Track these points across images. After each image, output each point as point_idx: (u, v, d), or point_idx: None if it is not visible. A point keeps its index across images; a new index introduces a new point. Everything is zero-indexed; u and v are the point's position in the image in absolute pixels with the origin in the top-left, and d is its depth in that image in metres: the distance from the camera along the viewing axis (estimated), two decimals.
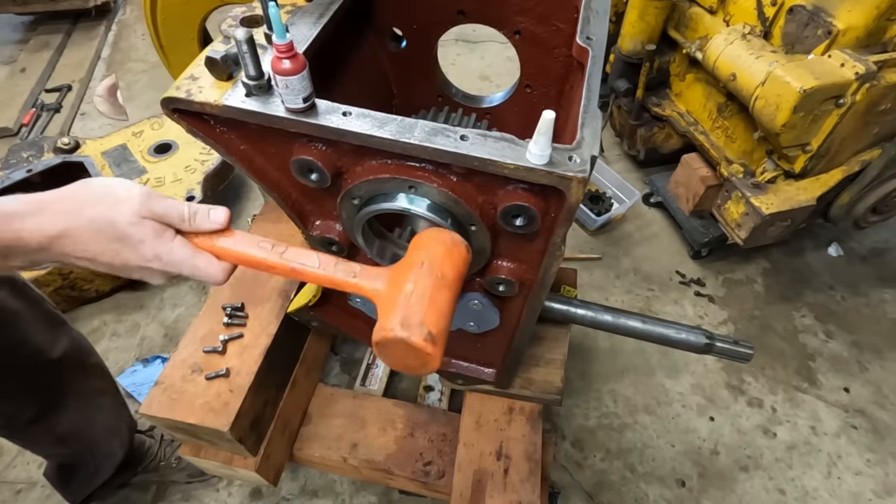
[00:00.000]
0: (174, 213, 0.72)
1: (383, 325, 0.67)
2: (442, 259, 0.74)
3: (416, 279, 0.70)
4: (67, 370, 1.31)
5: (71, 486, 1.52)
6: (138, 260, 0.71)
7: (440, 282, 0.71)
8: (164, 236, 0.72)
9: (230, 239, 0.76)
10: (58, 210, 0.68)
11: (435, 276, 0.71)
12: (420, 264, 0.72)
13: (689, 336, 1.17)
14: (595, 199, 2.53)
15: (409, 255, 0.76)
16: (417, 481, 1.36)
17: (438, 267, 0.72)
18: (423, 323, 0.66)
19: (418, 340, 0.65)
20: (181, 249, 0.73)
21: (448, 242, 0.76)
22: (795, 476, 1.80)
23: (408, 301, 0.68)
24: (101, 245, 0.69)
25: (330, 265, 0.76)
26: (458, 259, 0.76)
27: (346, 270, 0.76)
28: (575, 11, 1.03)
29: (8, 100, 3.16)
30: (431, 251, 0.74)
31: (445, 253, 0.75)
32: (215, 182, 2.35)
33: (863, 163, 1.93)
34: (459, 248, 0.77)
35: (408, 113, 0.99)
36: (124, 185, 0.71)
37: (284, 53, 0.66)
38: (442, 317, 0.69)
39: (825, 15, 1.69)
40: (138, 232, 0.70)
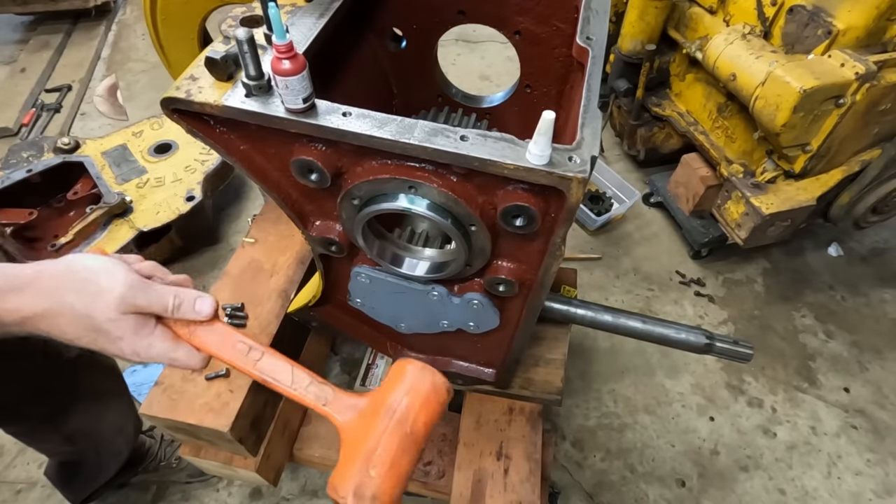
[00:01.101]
0: (158, 304, 0.71)
1: (336, 485, 0.66)
2: (417, 411, 0.70)
3: (384, 434, 0.68)
4: (81, 369, 1.32)
5: (72, 485, 1.53)
6: (115, 351, 0.71)
7: (408, 439, 0.68)
8: (143, 331, 0.71)
9: (211, 334, 0.75)
10: (38, 290, 0.66)
11: (404, 432, 0.68)
12: (392, 412, 0.69)
13: (689, 336, 1.17)
14: (595, 199, 2.53)
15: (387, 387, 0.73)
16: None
17: (411, 421, 0.69)
18: (377, 496, 0.65)
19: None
20: (160, 344, 0.72)
21: (428, 390, 0.73)
22: (795, 476, 1.80)
23: (368, 462, 0.66)
24: (78, 331, 0.68)
25: (302, 385, 0.73)
26: (434, 409, 0.73)
27: (317, 394, 0.73)
28: (575, 11, 1.03)
29: (8, 100, 3.16)
30: (409, 397, 0.71)
31: (422, 404, 0.71)
32: (215, 182, 2.35)
33: (863, 163, 1.93)
34: (439, 396, 0.74)
35: (408, 113, 1.00)
36: (109, 275, 0.69)
37: (284, 54, 0.66)
38: (399, 482, 0.67)
39: (825, 15, 1.69)
40: (116, 329, 0.69)
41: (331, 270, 1.13)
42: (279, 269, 1.43)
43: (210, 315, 0.74)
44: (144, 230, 2.07)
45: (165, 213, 2.13)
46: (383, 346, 1.34)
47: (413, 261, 1.01)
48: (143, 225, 2.08)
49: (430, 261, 1.01)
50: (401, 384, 0.72)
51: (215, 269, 2.32)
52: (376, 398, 0.72)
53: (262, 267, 1.44)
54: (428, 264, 1.00)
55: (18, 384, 1.17)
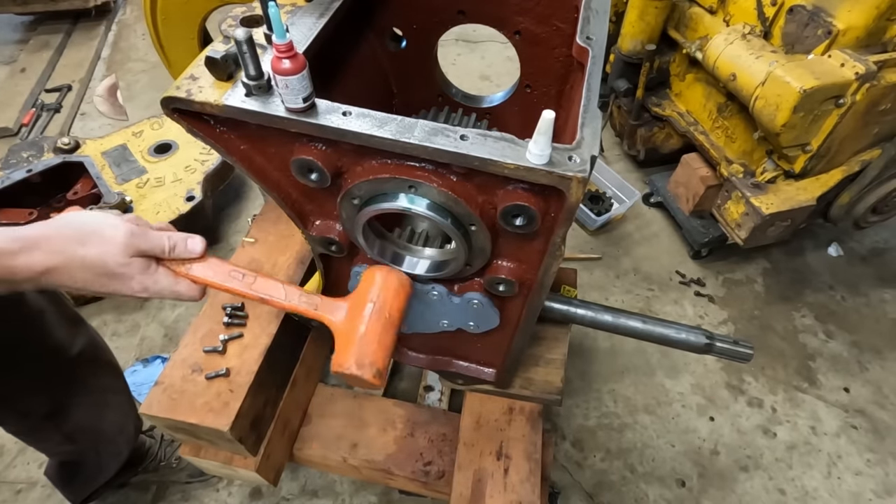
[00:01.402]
0: (157, 247, 0.81)
1: (340, 361, 0.82)
2: (391, 301, 0.88)
3: (368, 319, 0.85)
4: (83, 367, 1.33)
5: (72, 485, 1.53)
6: (126, 290, 0.80)
7: (388, 322, 0.86)
8: (150, 269, 0.81)
9: (206, 268, 0.86)
10: (48, 248, 0.73)
11: (384, 317, 0.86)
12: (371, 303, 0.86)
13: (689, 336, 1.17)
14: (595, 199, 2.53)
15: (363, 289, 0.89)
16: (417, 481, 1.35)
17: (387, 308, 0.87)
18: (374, 363, 0.82)
19: (369, 377, 0.81)
20: (165, 279, 0.83)
21: (396, 285, 0.90)
22: (795, 476, 1.80)
23: (361, 341, 0.83)
24: (89, 278, 0.76)
25: (294, 296, 0.88)
26: (402, 300, 0.90)
27: (308, 302, 0.88)
28: (575, 11, 1.03)
29: (8, 100, 3.16)
30: (382, 292, 0.88)
31: (394, 294, 0.89)
32: (215, 182, 2.35)
33: (863, 163, 1.94)
34: (405, 288, 0.92)
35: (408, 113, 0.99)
36: (110, 223, 0.77)
37: (284, 53, 0.66)
38: (387, 354, 0.84)
39: (825, 15, 1.69)
40: (128, 270, 0.78)
41: (331, 270, 1.13)
42: (279, 269, 1.43)
43: (201, 252, 0.86)
44: None
45: (165, 213, 2.13)
46: None
47: (413, 259, 1.01)
48: None
49: (430, 260, 1.00)
50: (374, 285, 0.89)
51: None
52: (356, 299, 0.88)
53: (262, 267, 1.44)
54: (428, 263, 1.00)
55: (20, 382, 1.17)
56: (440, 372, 1.33)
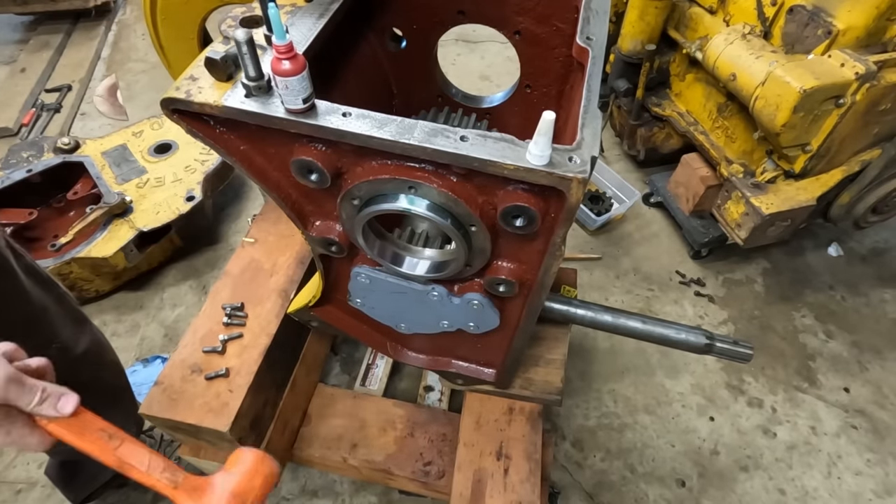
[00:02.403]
0: (24, 400, 0.76)
1: None
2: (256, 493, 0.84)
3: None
4: (86, 367, 1.33)
5: (73, 485, 1.53)
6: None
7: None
8: (4, 420, 0.76)
9: (71, 426, 0.82)
10: None
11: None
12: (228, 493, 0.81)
13: (689, 336, 1.17)
14: (595, 199, 2.53)
15: (227, 471, 0.85)
16: (417, 481, 1.36)
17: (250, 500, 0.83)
18: None
19: None
20: (17, 431, 0.78)
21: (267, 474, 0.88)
22: (795, 476, 1.80)
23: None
24: None
25: (157, 469, 0.82)
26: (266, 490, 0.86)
27: (169, 478, 0.82)
28: (575, 11, 1.04)
29: (8, 100, 3.16)
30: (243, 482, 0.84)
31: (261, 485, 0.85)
32: (215, 182, 2.35)
33: (863, 163, 1.93)
34: (273, 479, 0.89)
35: (408, 113, 1.00)
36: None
37: (284, 54, 0.66)
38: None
39: (825, 15, 1.69)
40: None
41: (331, 270, 1.13)
42: (279, 269, 1.43)
43: (70, 414, 0.81)
44: (144, 230, 2.07)
45: (165, 213, 2.13)
46: (383, 346, 1.34)
47: (413, 260, 1.01)
48: (143, 225, 2.08)
49: (430, 260, 1.01)
50: (237, 468, 0.86)
51: (215, 269, 2.32)
52: (220, 482, 0.84)
53: (262, 267, 1.44)
54: (428, 264, 1.00)
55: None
56: (440, 372, 1.33)
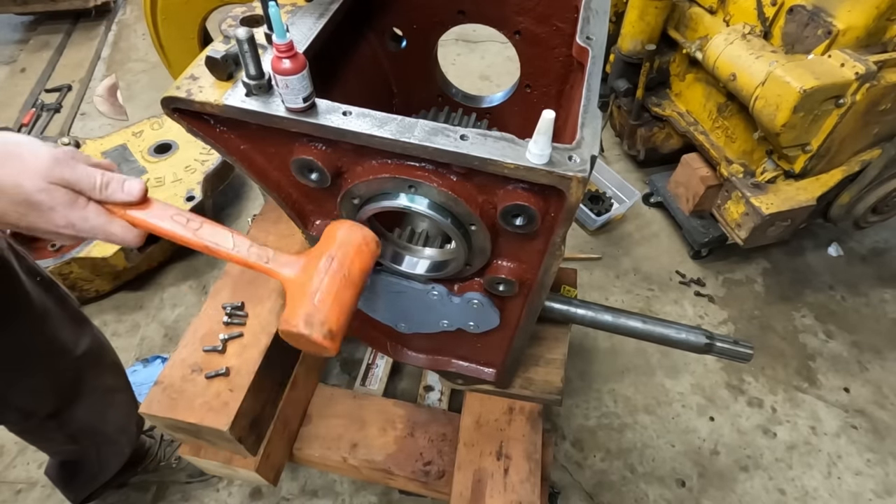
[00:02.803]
0: (85, 181, 0.70)
1: (288, 318, 0.72)
2: (352, 257, 0.77)
3: (325, 275, 0.74)
4: (87, 368, 1.33)
5: (73, 485, 1.53)
6: (47, 225, 0.69)
7: (346, 280, 0.75)
8: (77, 203, 0.70)
9: (146, 211, 0.75)
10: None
11: (342, 273, 0.75)
12: (330, 258, 0.76)
13: (689, 336, 1.17)
14: (595, 199, 2.53)
15: (323, 245, 0.79)
16: (417, 481, 1.36)
17: (347, 265, 0.76)
18: (325, 322, 0.72)
19: (318, 337, 0.71)
20: (95, 218, 0.71)
21: (359, 240, 0.80)
22: (795, 476, 1.80)
23: (314, 297, 0.73)
24: (6, 207, 0.66)
25: (244, 247, 0.77)
26: (366, 258, 0.79)
27: (259, 254, 0.77)
28: (575, 11, 1.03)
29: (8, 100, 3.16)
30: (343, 247, 0.78)
31: (355, 251, 0.78)
32: (215, 182, 2.35)
33: (863, 163, 1.94)
34: (370, 247, 0.81)
35: (408, 113, 0.99)
36: (32, 147, 0.68)
37: (284, 53, 0.66)
38: (343, 314, 0.74)
39: (825, 15, 1.69)
40: (48, 199, 0.67)
41: None
42: None
43: (138, 196, 0.74)
44: None
45: None
46: (383, 346, 1.33)
47: (413, 259, 1.01)
48: None
49: (430, 259, 1.01)
50: (335, 240, 0.78)
51: (215, 269, 2.32)
52: (314, 254, 0.78)
53: None
54: (428, 263, 1.00)
55: (24, 382, 1.17)
56: (440, 372, 1.33)
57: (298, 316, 0.72)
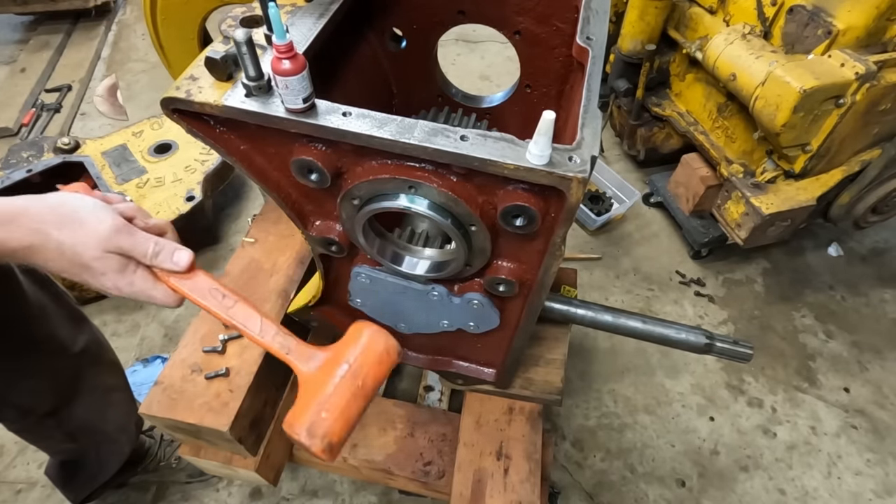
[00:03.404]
0: (139, 249, 0.76)
1: (292, 423, 0.74)
2: (369, 367, 0.78)
3: (338, 383, 0.76)
4: (85, 366, 1.33)
5: (73, 484, 1.53)
6: (97, 285, 0.75)
7: (358, 391, 0.76)
8: (126, 270, 0.76)
9: (187, 281, 0.81)
10: (26, 226, 0.69)
11: (357, 384, 0.76)
12: (346, 364, 0.77)
13: (689, 336, 1.17)
14: (595, 199, 2.53)
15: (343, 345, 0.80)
16: (417, 481, 1.35)
17: (363, 375, 0.77)
18: (327, 434, 0.73)
19: (318, 450, 0.72)
20: (141, 283, 0.78)
21: (381, 350, 0.80)
22: (795, 476, 1.80)
23: (322, 406, 0.74)
24: (63, 265, 0.72)
25: (269, 334, 0.80)
26: (384, 369, 0.80)
27: (282, 343, 0.80)
28: (575, 11, 1.04)
29: (8, 100, 3.16)
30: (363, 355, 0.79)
31: (375, 361, 0.79)
32: (215, 182, 2.35)
33: (863, 163, 1.94)
34: (390, 357, 0.81)
35: (408, 113, 0.99)
36: (96, 215, 0.73)
37: (284, 54, 0.66)
38: (347, 426, 0.75)
39: (825, 15, 1.69)
40: (101, 266, 0.73)
41: (331, 270, 1.13)
42: (279, 269, 1.43)
43: (185, 267, 0.80)
44: None
45: (165, 213, 2.13)
46: None
47: (413, 259, 1.01)
48: None
49: (431, 260, 1.01)
50: (357, 343, 0.80)
51: (215, 269, 2.32)
52: (335, 353, 0.79)
53: (262, 267, 1.44)
54: (428, 263, 1.00)
55: (22, 380, 1.17)
56: (440, 372, 1.33)
57: (303, 424, 0.73)
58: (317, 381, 0.77)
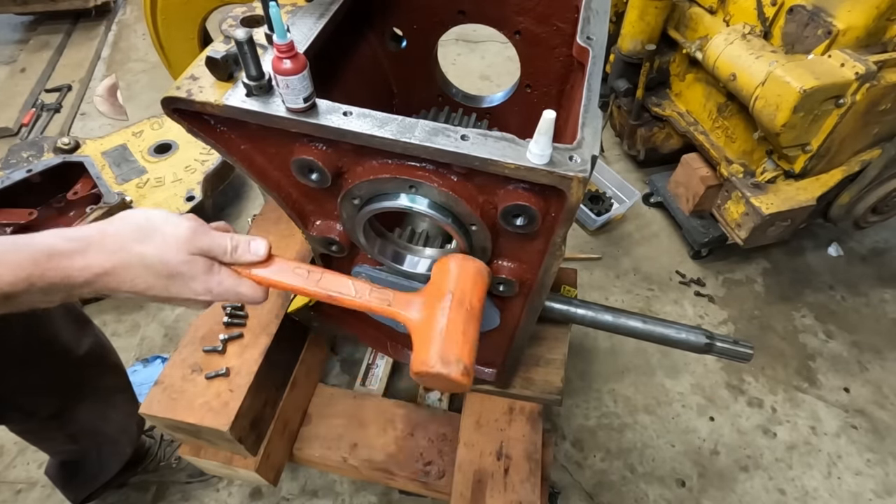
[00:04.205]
0: (218, 247, 0.76)
1: (423, 360, 0.74)
2: (471, 290, 0.79)
3: (448, 312, 0.76)
4: (89, 368, 1.33)
5: (73, 485, 1.53)
6: (189, 293, 0.74)
7: (469, 314, 0.77)
8: (213, 269, 0.75)
9: (269, 268, 0.81)
10: (106, 248, 0.68)
11: (465, 308, 0.77)
12: (450, 294, 0.78)
13: (689, 336, 1.17)
14: (595, 199, 2.53)
15: (438, 281, 0.81)
16: (417, 481, 1.36)
17: (468, 299, 0.78)
18: (460, 359, 0.73)
19: (457, 375, 0.72)
20: (228, 280, 0.77)
21: (474, 272, 0.82)
22: (795, 476, 1.80)
23: (442, 336, 0.74)
24: (149, 280, 0.70)
25: (365, 292, 0.81)
26: (483, 289, 0.81)
27: (380, 298, 0.81)
28: (575, 11, 1.04)
29: (8, 100, 3.16)
30: (461, 282, 0.80)
31: (473, 284, 0.80)
32: (215, 182, 2.35)
33: (863, 163, 1.94)
34: (484, 277, 0.82)
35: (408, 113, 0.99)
36: (171, 221, 0.72)
37: (285, 53, 0.66)
38: (473, 348, 0.75)
39: (825, 15, 1.69)
40: (190, 269, 0.72)
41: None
42: None
43: (265, 256, 0.80)
44: None
45: None
46: (383, 346, 1.34)
47: (414, 259, 1.01)
48: None
49: (431, 259, 1.01)
50: (450, 274, 0.81)
51: None
52: (432, 291, 0.80)
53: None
54: (429, 262, 1.00)
55: (26, 382, 1.17)
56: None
57: (433, 356, 0.73)
58: (427, 320, 0.77)
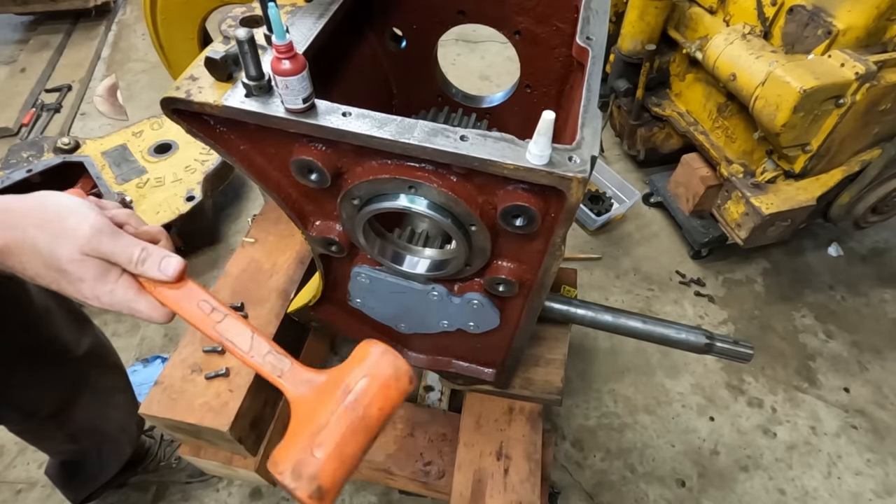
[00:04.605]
0: (122, 254, 0.68)
1: (277, 460, 0.63)
2: (373, 395, 0.65)
3: (335, 413, 0.64)
4: (89, 368, 1.33)
5: (73, 484, 1.53)
6: (75, 294, 0.68)
7: (359, 423, 0.64)
8: (107, 277, 0.68)
9: (176, 291, 0.72)
10: (4, 223, 0.64)
11: (357, 415, 0.64)
12: (347, 393, 0.65)
13: (689, 336, 1.17)
14: (595, 199, 2.53)
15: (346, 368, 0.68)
16: (417, 481, 1.36)
17: (365, 404, 0.65)
18: (316, 476, 0.60)
19: (303, 495, 0.60)
20: (122, 292, 0.70)
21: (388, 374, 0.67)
22: (795, 476, 1.80)
23: (313, 441, 0.62)
24: (39, 269, 0.66)
25: (260, 353, 0.70)
26: (392, 397, 0.67)
27: (274, 364, 0.69)
28: (575, 11, 1.04)
29: (8, 100, 3.16)
30: (367, 380, 0.66)
31: (380, 387, 0.66)
32: (215, 182, 2.35)
33: (863, 163, 1.94)
34: (400, 383, 0.67)
35: (408, 113, 0.99)
36: (77, 215, 0.67)
37: (284, 54, 0.66)
38: (342, 467, 0.63)
39: (825, 15, 1.69)
40: (78, 270, 0.66)
41: (331, 270, 1.13)
42: (279, 269, 1.43)
43: (174, 277, 0.71)
44: None
45: (165, 213, 2.13)
46: None
47: (413, 259, 1.01)
48: None
49: (431, 259, 1.01)
50: (361, 365, 0.68)
51: (215, 269, 2.32)
52: (335, 377, 0.68)
53: (262, 267, 1.44)
54: (428, 262, 1.00)
55: (26, 382, 1.17)
56: (440, 372, 1.33)
57: (287, 462, 0.61)
58: (311, 408, 0.65)
